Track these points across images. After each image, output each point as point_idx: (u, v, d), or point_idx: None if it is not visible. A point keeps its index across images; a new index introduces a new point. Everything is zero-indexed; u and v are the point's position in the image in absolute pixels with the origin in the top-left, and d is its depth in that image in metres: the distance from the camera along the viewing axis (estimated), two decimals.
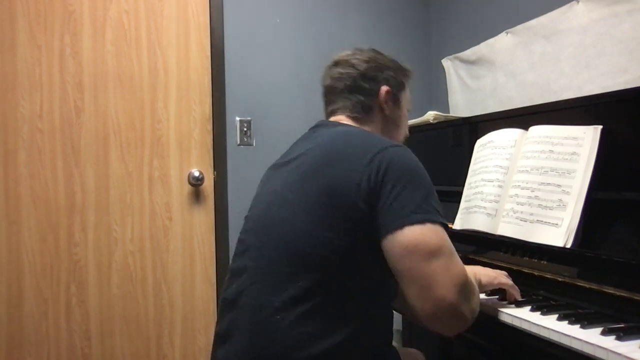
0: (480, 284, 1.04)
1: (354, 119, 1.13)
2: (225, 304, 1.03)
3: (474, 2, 2.30)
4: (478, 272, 1.08)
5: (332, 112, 1.16)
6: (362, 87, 1.13)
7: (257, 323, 0.92)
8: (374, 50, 1.20)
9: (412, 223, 0.87)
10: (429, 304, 0.86)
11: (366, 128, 1.12)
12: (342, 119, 1.14)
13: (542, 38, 1.86)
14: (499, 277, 1.10)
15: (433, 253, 0.87)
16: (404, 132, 1.22)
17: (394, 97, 1.17)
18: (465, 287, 0.88)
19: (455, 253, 0.91)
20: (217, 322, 1.05)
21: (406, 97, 1.22)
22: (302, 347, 0.88)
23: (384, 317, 1.02)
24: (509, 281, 1.11)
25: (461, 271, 0.89)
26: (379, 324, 1.00)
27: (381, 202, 0.90)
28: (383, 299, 1.00)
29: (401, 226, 0.87)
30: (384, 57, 1.19)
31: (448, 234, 0.91)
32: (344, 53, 1.19)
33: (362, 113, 1.13)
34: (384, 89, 1.14)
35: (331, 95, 1.17)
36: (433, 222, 0.89)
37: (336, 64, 1.17)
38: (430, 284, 0.86)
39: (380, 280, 0.96)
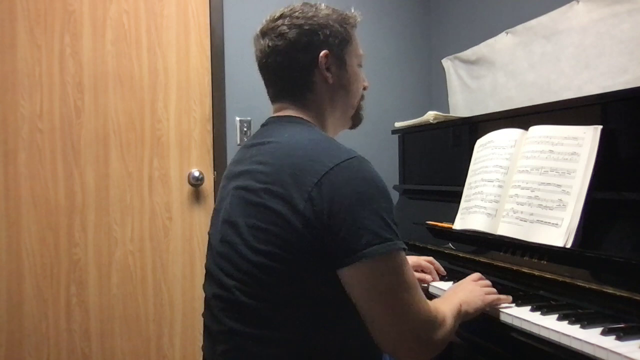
0: (467, 314, 0.99)
1: (296, 101, 1.01)
2: (205, 329, 1.02)
3: (474, 2, 2.30)
4: (464, 302, 0.99)
5: (275, 98, 1.05)
6: (297, 61, 0.98)
7: (230, 350, 0.91)
8: (305, 5, 1.02)
9: (370, 256, 0.81)
10: (390, 341, 0.85)
11: (312, 109, 1.01)
12: (286, 107, 1.03)
13: (542, 38, 1.86)
14: (484, 299, 1.04)
15: (393, 290, 0.83)
16: (356, 94, 1.08)
17: (337, 58, 1.01)
18: (426, 324, 0.86)
19: (417, 285, 0.86)
20: (203, 345, 1.04)
21: (353, 50, 1.05)
22: None
23: (356, 330, 0.92)
24: (494, 298, 1.06)
25: (422, 308, 0.85)
26: (354, 339, 0.93)
27: (334, 231, 0.82)
28: (350, 314, 0.90)
29: (358, 259, 0.81)
30: (316, 13, 1.01)
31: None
32: (270, 18, 1.02)
33: (304, 89, 1.00)
34: (322, 54, 0.99)
35: (266, 73, 1.04)
36: (392, 250, 0.82)
37: (263, 34, 1.01)
38: (391, 324, 0.84)
39: (342, 299, 0.88)
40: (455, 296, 1.02)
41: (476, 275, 1.13)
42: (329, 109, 1.04)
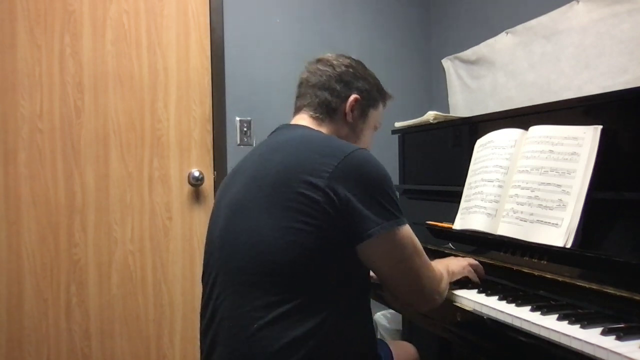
0: (453, 274, 1.18)
1: (315, 119, 1.13)
2: (205, 323, 1.04)
3: (474, 2, 2.30)
4: (449, 264, 1.20)
5: (298, 109, 1.17)
6: (334, 87, 1.14)
7: (236, 335, 0.93)
8: (360, 63, 1.21)
9: (386, 229, 0.93)
10: (409, 297, 1.03)
11: (324, 130, 1.12)
12: (303, 118, 1.14)
13: (542, 38, 1.86)
14: (467, 260, 1.26)
15: (410, 255, 0.97)
16: (361, 144, 1.20)
17: (362, 108, 1.17)
18: (434, 280, 1.03)
19: (423, 250, 1.02)
20: (201, 343, 1.06)
21: (376, 115, 1.22)
22: (283, 350, 0.89)
23: (360, 310, 1.03)
24: (475, 262, 1.27)
25: (430, 269, 1.02)
26: (356, 318, 1.01)
27: (350, 209, 0.91)
28: (356, 292, 1.01)
29: (376, 233, 0.92)
30: (366, 71, 1.20)
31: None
32: (329, 54, 1.20)
33: (325, 114, 1.13)
34: (354, 96, 1.14)
35: (303, 88, 1.17)
36: (403, 224, 0.96)
37: (318, 60, 1.18)
38: (414, 282, 1.00)
39: (350, 275, 0.98)
40: (441, 261, 1.22)
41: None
42: None
